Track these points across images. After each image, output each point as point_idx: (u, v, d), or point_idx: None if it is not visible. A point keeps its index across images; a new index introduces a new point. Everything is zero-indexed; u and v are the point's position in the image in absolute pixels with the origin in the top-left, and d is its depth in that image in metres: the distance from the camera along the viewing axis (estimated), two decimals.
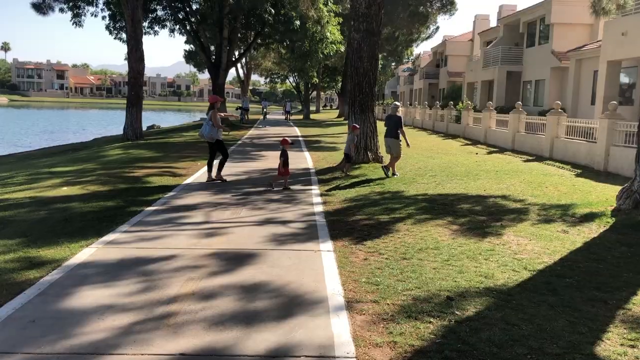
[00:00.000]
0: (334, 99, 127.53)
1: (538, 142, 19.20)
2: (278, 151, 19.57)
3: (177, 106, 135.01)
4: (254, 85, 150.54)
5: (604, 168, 14.78)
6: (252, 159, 16.63)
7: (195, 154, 17.46)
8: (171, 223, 7.98)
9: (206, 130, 11.83)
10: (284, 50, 44.55)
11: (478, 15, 54.02)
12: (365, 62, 14.27)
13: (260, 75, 77.50)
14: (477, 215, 8.46)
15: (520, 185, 11.49)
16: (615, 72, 23.81)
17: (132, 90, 23.45)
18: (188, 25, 35.65)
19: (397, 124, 12.67)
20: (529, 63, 35.86)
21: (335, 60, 57.21)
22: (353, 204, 9.63)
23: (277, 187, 11.28)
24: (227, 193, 10.63)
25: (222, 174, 12.24)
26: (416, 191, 10.81)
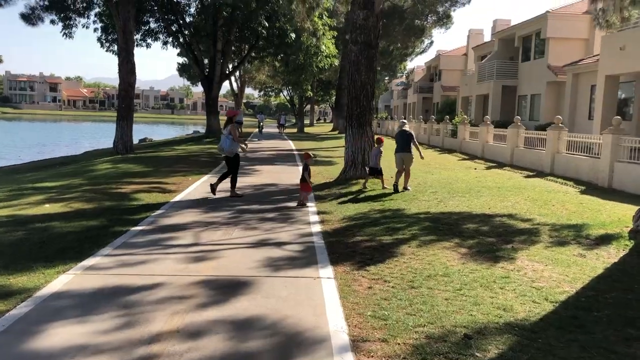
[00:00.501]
0: (328, 112, 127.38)
1: (538, 158, 18.77)
2: (273, 165, 19.43)
3: (170, 119, 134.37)
4: (248, 99, 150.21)
5: (609, 184, 14.33)
6: (246, 174, 16.06)
7: (187, 169, 16.91)
8: (158, 245, 7.40)
9: (227, 144, 11.59)
10: (278, 64, 44.26)
11: (472, 30, 54.03)
12: (362, 75, 13.82)
13: (254, 88, 77.20)
14: (486, 237, 7.93)
15: (525, 203, 11.00)
16: (613, 87, 23.53)
17: (122, 102, 22.92)
18: (181, 38, 35.25)
19: (410, 139, 12.73)
20: (524, 77, 35.64)
21: (329, 74, 56.96)
22: (353, 223, 9.09)
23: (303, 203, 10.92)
24: (219, 211, 10.07)
25: (215, 188, 11.84)
26: (418, 209, 10.30)
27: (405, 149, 12.71)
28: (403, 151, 12.71)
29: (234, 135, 11.62)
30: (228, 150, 11.67)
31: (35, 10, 24.33)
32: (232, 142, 11.61)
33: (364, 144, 13.98)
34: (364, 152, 13.97)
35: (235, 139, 11.64)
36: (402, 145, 12.78)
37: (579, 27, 32.29)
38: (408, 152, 12.72)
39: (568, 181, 15.38)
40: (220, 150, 11.91)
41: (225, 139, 11.65)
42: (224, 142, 11.65)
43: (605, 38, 23.77)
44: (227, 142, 11.60)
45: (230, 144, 11.61)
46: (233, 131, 11.65)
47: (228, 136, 11.62)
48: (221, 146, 11.77)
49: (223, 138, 11.76)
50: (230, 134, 11.60)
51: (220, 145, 11.81)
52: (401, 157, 12.72)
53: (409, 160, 12.73)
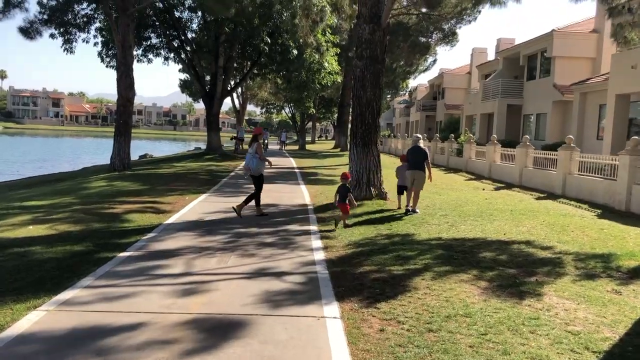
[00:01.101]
0: (329, 129, 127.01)
1: (549, 179, 18.09)
2: (273, 184, 18.71)
3: (172, 135, 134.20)
4: (250, 116, 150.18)
5: (626, 208, 13.64)
6: (245, 194, 15.30)
7: (184, 187, 16.25)
8: (145, 275, 6.71)
9: (253, 163, 11.37)
10: (280, 81, 43.83)
11: (475, 49, 53.85)
12: (368, 92, 13.22)
13: (256, 105, 76.88)
14: (506, 268, 7.23)
15: (542, 229, 10.30)
16: (624, 106, 22.96)
17: (120, 118, 22.35)
18: (183, 54, 34.82)
19: (424, 156, 12.07)
20: (529, 96, 35.12)
21: (331, 92, 56.56)
22: (359, 250, 8.39)
23: (339, 224, 10.51)
24: (215, 235, 9.38)
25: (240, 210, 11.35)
26: (428, 234, 9.60)
27: (418, 167, 11.99)
28: (414, 168, 11.98)
29: (260, 154, 11.33)
30: (255, 170, 11.40)
31: (34, 25, 23.85)
32: (259, 161, 11.36)
33: (370, 163, 13.33)
34: (369, 172, 13.31)
35: (262, 157, 11.38)
36: (415, 162, 12.05)
37: (585, 46, 31.85)
38: (420, 170, 11.99)
39: (582, 204, 14.69)
40: (246, 170, 11.59)
41: (252, 158, 11.36)
42: (250, 162, 11.36)
43: (616, 56, 23.25)
44: (254, 161, 11.35)
45: (257, 163, 11.35)
46: (259, 150, 11.40)
47: (255, 155, 11.34)
48: (247, 165, 11.46)
49: (249, 157, 11.44)
50: (257, 153, 11.33)
51: (247, 164, 11.48)
52: (412, 175, 12.00)
53: (420, 180, 12.02)
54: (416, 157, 12.09)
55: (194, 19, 35.03)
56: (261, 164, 11.44)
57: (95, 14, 27.96)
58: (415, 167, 12.00)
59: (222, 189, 16.26)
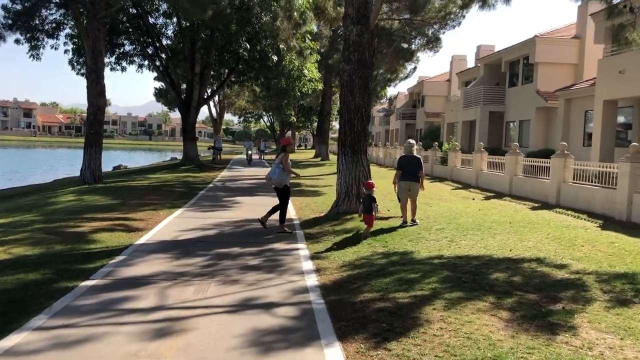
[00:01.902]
0: (308, 138, 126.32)
1: (542, 187, 17.42)
2: (254, 196, 17.72)
3: (148, 145, 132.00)
4: (227, 125, 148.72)
5: (627, 218, 12.96)
6: (224, 207, 14.41)
7: (158, 201, 15.17)
8: (110, 310, 5.70)
9: (276, 173, 10.84)
10: (258, 89, 42.88)
11: (455, 56, 53.69)
12: (357, 97, 12.36)
13: (233, 114, 75.80)
14: (524, 292, 6.38)
15: (549, 243, 9.52)
16: (611, 112, 22.51)
17: (91, 128, 21.17)
18: (158, 61, 33.71)
19: (418, 166, 11.46)
20: (512, 103, 34.74)
21: (310, 100, 55.82)
22: (355, 273, 7.47)
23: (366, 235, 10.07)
24: (192, 257, 8.38)
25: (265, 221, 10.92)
26: (428, 252, 8.74)
27: (413, 177, 11.36)
28: (410, 179, 11.35)
29: (284, 165, 10.81)
30: (277, 181, 10.86)
31: None
32: (281, 172, 10.81)
33: (359, 173, 12.46)
34: (359, 182, 12.43)
35: (286, 169, 10.84)
36: (409, 171, 11.38)
37: (567, 52, 31.57)
38: (415, 180, 11.38)
39: (580, 214, 14.00)
40: (268, 180, 11.06)
41: (275, 168, 10.87)
42: (273, 172, 10.89)
43: (603, 62, 22.83)
44: (277, 171, 10.83)
45: (279, 174, 10.82)
46: (284, 161, 10.84)
47: (278, 165, 10.84)
48: (269, 175, 10.95)
49: (273, 167, 10.97)
50: (281, 164, 10.80)
51: (269, 174, 10.98)
52: (407, 185, 11.35)
53: (415, 190, 11.42)
54: (411, 166, 11.45)
55: (169, 25, 34.02)
56: (284, 175, 10.85)
57: (65, 19, 26.77)
58: (411, 178, 11.38)
59: (199, 203, 15.23)
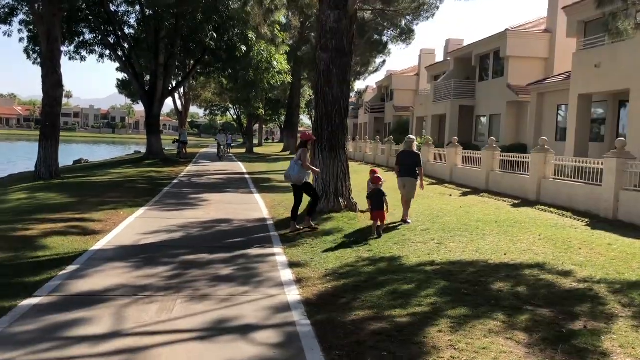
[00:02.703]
0: (275, 132, 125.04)
1: (520, 183, 16.90)
2: (223, 193, 16.71)
3: (111, 139, 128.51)
4: (193, 118, 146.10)
5: (614, 216, 12.47)
6: (191, 206, 13.39)
7: (119, 199, 14.05)
8: (53, 338, 4.73)
9: (294, 171, 10.22)
10: (225, 81, 41.60)
11: (424, 50, 53.38)
12: (335, 88, 11.52)
13: (199, 106, 74.07)
14: (535, 307, 5.65)
15: (543, 245, 8.88)
16: (586, 107, 22.24)
17: (46, 120, 19.78)
18: (120, 51, 32.20)
19: (417, 162, 11.09)
20: (482, 97, 34.47)
21: (278, 93, 54.73)
22: (341, 283, 6.64)
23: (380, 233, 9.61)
24: (155, 265, 7.41)
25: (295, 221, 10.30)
26: (418, 257, 7.97)
27: (409, 173, 11.00)
28: (406, 175, 10.99)
29: (303, 162, 10.19)
30: (296, 178, 10.24)
31: None
32: (300, 169, 10.20)
33: (337, 170, 11.63)
34: (337, 180, 11.60)
35: (305, 165, 10.21)
36: (406, 168, 10.99)
37: (538, 46, 31.38)
38: (412, 177, 11.02)
39: (564, 211, 13.47)
40: (287, 178, 10.43)
41: (294, 164, 10.25)
42: (291, 169, 10.26)
43: (578, 55, 22.52)
44: (296, 168, 10.22)
45: (298, 170, 10.20)
46: (303, 157, 10.21)
47: (297, 162, 10.22)
48: (288, 173, 10.34)
49: (292, 163, 10.34)
50: (300, 160, 10.18)
51: (288, 172, 10.35)
52: (403, 182, 11.06)
53: (411, 187, 11.08)
54: (409, 162, 11.03)
55: (132, 13, 32.50)
56: (303, 172, 10.24)
57: (19, 4, 25.17)
58: (407, 174, 10.99)
59: (163, 201, 14.17)
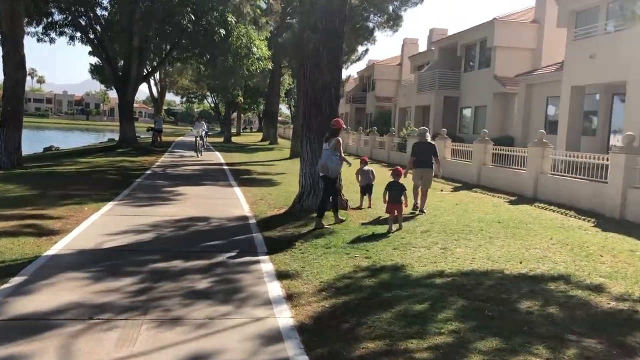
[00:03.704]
0: (253, 121, 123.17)
1: (516, 179, 16.04)
2: (200, 186, 15.42)
3: (85, 125, 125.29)
4: (169, 105, 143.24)
5: (621, 215, 11.65)
6: (164, 201, 12.20)
7: (85, 192, 12.79)
8: None
9: (333, 163, 9.41)
10: (203, 67, 40.09)
11: (407, 39, 52.51)
12: (325, 73, 10.41)
13: (175, 94, 72.14)
14: (579, 336, 4.68)
15: (559, 252, 7.96)
16: (579, 99, 21.50)
17: (8, 104, 18.28)
18: (92, 33, 30.56)
19: (434, 152, 11.30)
20: (467, 88, 33.68)
21: (257, 81, 53.28)
22: (341, 301, 5.59)
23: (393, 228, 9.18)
24: (119, 276, 6.27)
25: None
26: (423, 266, 6.96)
27: (426, 164, 11.13)
28: (423, 166, 11.16)
29: (340, 152, 9.49)
30: (334, 170, 9.47)
31: None
32: (338, 161, 9.49)
33: None
34: None
35: (342, 158, 9.55)
36: (423, 159, 11.15)
37: (526, 36, 30.65)
38: (429, 167, 11.17)
39: (565, 210, 12.63)
40: (324, 170, 9.46)
41: (331, 155, 9.41)
42: (329, 160, 9.39)
43: (572, 46, 21.75)
44: (334, 160, 9.42)
45: (337, 162, 9.45)
46: (339, 147, 9.45)
47: (334, 153, 9.41)
48: (326, 165, 9.41)
49: (327, 155, 9.44)
50: (336, 150, 9.41)
51: (325, 164, 9.43)
52: (420, 173, 11.21)
53: (429, 178, 11.24)
54: (425, 153, 11.23)
55: None
56: (340, 163, 9.54)
57: None
58: (424, 165, 11.10)
59: (134, 195, 12.94)
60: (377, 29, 24.75)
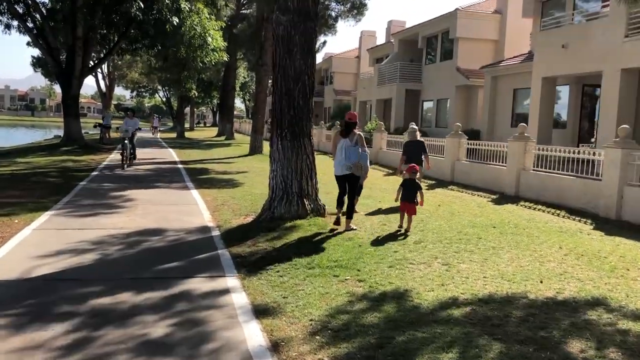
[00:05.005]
0: (207, 115, 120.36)
1: (494, 175, 15.10)
2: (152, 189, 13.51)
3: (30, 121, 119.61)
4: (119, 100, 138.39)
5: (617, 215, 10.78)
6: (112, 208, 10.57)
7: (18, 199, 11.02)
8: None
9: (364, 159, 8.67)
10: (154, 59, 38.01)
11: (364, 32, 51.66)
12: (297, 60, 9.03)
13: (125, 88, 69.21)
14: None
15: (578, 265, 6.91)
16: (550, 91, 20.78)
17: None
18: (30, 22, 28.18)
19: (423, 149, 11.92)
20: (429, 81, 32.87)
21: (211, 74, 51.34)
22: (343, 352, 4.25)
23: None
24: (49, 320, 4.73)
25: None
26: (430, 291, 5.73)
27: (417, 161, 11.21)
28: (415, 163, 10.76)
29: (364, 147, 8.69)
30: (366, 167, 8.71)
31: None
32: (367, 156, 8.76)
33: (302, 164, 9.18)
34: (301, 177, 9.16)
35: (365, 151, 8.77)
36: (414, 156, 11.59)
37: (489, 27, 30.00)
38: (420, 164, 11.29)
39: (555, 209, 11.73)
40: (357, 168, 8.59)
41: (360, 152, 8.60)
42: (362, 157, 8.59)
43: (543, 35, 21.00)
44: (364, 156, 8.67)
45: (366, 158, 8.71)
46: (362, 141, 8.72)
47: (364, 150, 8.69)
48: (358, 163, 8.56)
49: (353, 151, 8.53)
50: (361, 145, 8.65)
51: (358, 162, 8.56)
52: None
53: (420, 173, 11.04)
54: (416, 151, 11.80)
55: None
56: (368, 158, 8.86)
57: None
58: (416, 162, 11.02)
59: (77, 202, 11.26)
60: (340, 17, 23.46)
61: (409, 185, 8.98)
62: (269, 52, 26.95)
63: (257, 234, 8.22)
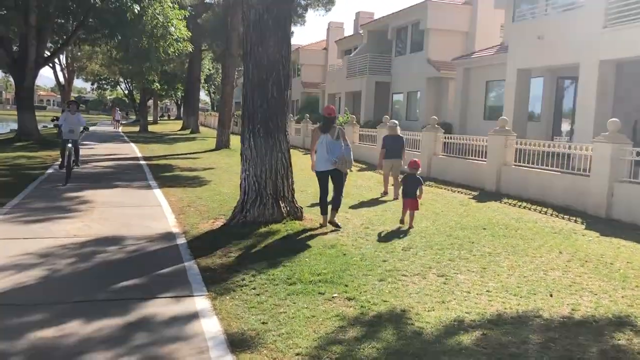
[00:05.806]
0: (171, 108, 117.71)
1: (474, 171, 14.53)
2: (112, 189, 12.26)
3: None
4: (80, 92, 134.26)
5: (607, 214, 10.29)
6: (65, 212, 9.53)
7: None
8: None
9: (347, 152, 8.43)
10: (115, 50, 36.38)
11: (332, 23, 50.92)
12: (271, 47, 8.16)
13: (85, 80, 66.81)
14: None
15: (585, 274, 6.30)
16: (525, 83, 20.36)
17: None
18: None
19: (402, 144, 12.43)
20: (399, 73, 32.32)
21: (175, 65, 49.75)
22: None
23: None
24: None
25: None
26: (432, 311, 5.01)
27: (396, 155, 12.19)
28: (394, 157, 12.24)
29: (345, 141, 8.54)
30: (350, 161, 8.43)
31: None
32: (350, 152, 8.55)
33: (277, 162, 8.34)
34: (276, 176, 8.32)
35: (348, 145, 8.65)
36: (393, 150, 12.22)
37: (459, 19, 29.58)
38: (399, 157, 12.23)
39: (540, 207, 11.21)
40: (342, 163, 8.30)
41: (345, 148, 8.43)
42: (346, 152, 8.37)
43: (518, 26, 20.56)
44: (348, 151, 8.47)
45: (350, 153, 8.49)
46: (344, 135, 8.53)
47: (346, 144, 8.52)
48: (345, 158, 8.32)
49: (334, 145, 8.30)
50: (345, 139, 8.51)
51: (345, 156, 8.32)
52: (391, 163, 12.26)
53: (398, 166, 12.20)
54: (395, 145, 12.25)
55: None
56: None
57: None
58: (394, 155, 12.17)
59: (27, 205, 10.15)
60: (310, 7, 22.58)
61: (410, 180, 8.97)
62: (236, 42, 25.95)
63: (228, 241, 7.35)
